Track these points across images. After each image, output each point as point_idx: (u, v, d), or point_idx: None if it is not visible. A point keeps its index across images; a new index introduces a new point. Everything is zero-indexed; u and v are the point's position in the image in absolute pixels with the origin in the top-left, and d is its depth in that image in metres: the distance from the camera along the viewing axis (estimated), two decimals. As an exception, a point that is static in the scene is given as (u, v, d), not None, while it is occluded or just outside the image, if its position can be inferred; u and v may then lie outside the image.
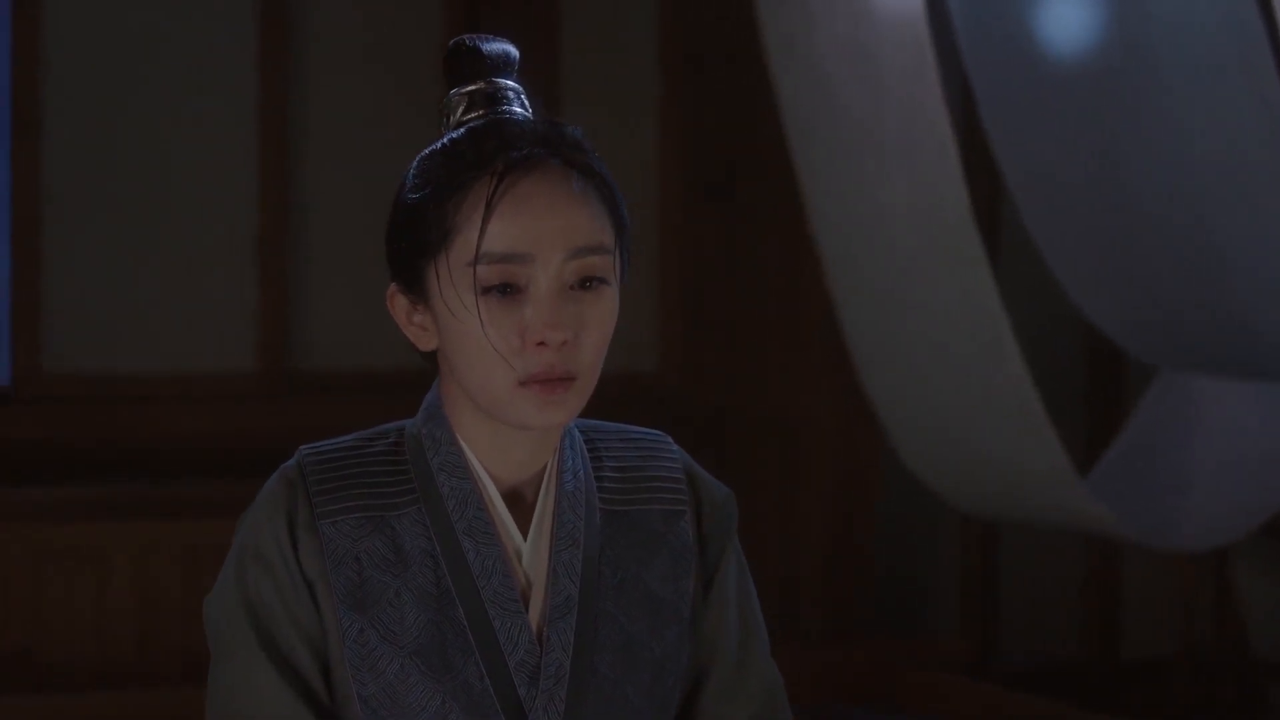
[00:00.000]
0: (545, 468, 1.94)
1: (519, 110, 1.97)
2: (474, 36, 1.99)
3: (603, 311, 1.88)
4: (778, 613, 5.87)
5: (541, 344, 1.83)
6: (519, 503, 1.93)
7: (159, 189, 5.50)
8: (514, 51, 2.00)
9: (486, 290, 1.84)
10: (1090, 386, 6.05)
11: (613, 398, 5.93)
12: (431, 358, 1.97)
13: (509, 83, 1.98)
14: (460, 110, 1.96)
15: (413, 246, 1.90)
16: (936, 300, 4.41)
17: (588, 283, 1.86)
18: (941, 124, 4.15)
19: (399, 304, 1.93)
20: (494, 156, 1.87)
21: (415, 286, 1.91)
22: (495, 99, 1.97)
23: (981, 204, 5.51)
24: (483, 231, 1.84)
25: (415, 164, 1.94)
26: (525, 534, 1.92)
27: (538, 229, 1.85)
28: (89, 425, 5.35)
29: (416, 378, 1.92)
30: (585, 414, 1.99)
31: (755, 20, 4.73)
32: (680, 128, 5.96)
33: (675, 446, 2.04)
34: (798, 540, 5.84)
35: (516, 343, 1.84)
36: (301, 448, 1.94)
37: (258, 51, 5.57)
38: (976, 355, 4.37)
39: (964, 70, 4.35)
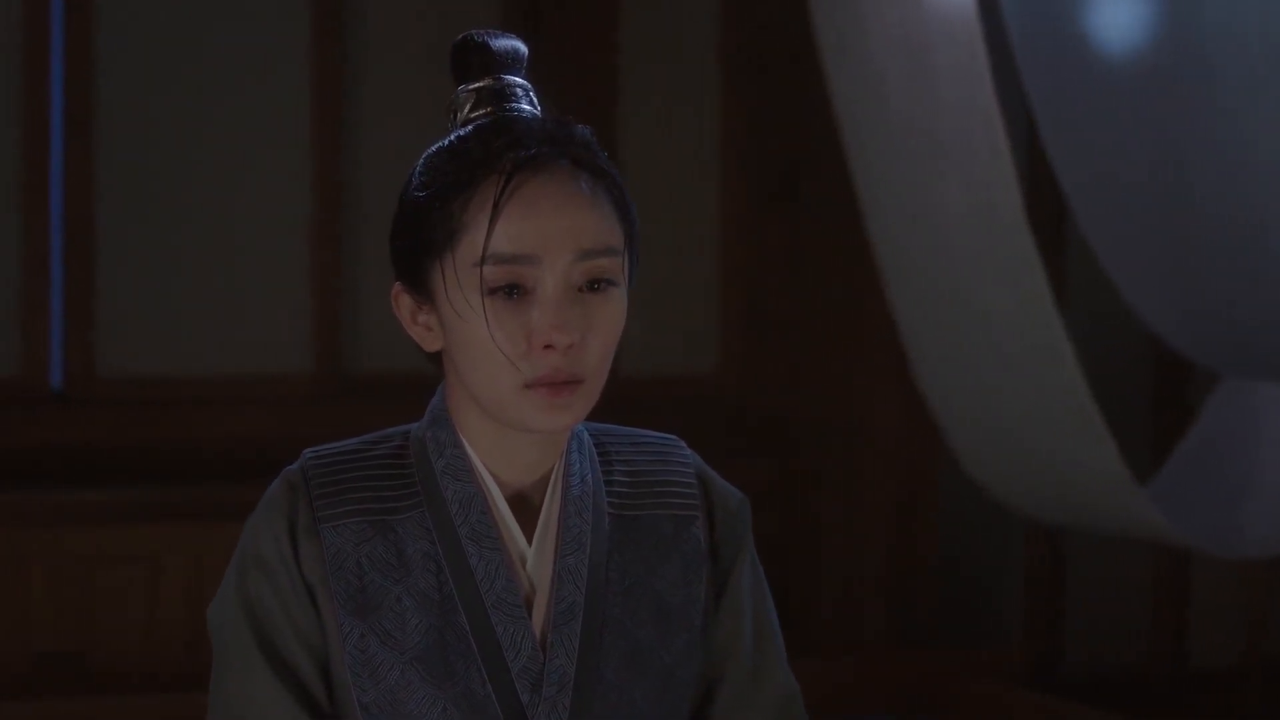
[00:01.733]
0: (551, 471, 1.91)
1: (527, 108, 1.94)
2: (482, 32, 1.97)
3: (611, 314, 1.85)
4: (837, 620, 5.82)
5: (548, 346, 1.81)
6: (525, 507, 1.91)
7: (212, 190, 5.50)
8: (523, 48, 1.97)
9: (493, 291, 1.82)
10: (1157, 393, 5.98)
11: (672, 400, 5.99)
12: (437, 360, 1.94)
13: (517, 79, 1.95)
14: (468, 107, 1.94)
15: (418, 245, 1.87)
16: (991, 303, 4.37)
17: (596, 285, 1.84)
18: (995, 125, 4.10)
19: (404, 304, 1.91)
20: (502, 155, 1.84)
21: (420, 286, 1.89)
22: (503, 95, 1.94)
23: (1048, 206, 5.46)
24: (490, 232, 1.82)
25: (421, 161, 1.92)
26: (530, 539, 1.89)
27: (545, 230, 1.82)
28: (141, 427, 5.35)
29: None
30: (628, 415, 1.97)
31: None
32: (742, 129, 5.93)
33: (688, 451, 2.01)
34: (858, 546, 5.80)
35: (523, 345, 1.82)
36: (305, 451, 1.92)
37: (311, 51, 5.57)
38: (1032, 359, 4.33)
39: (1017, 70, 4.30)
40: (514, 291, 1.82)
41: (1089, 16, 4.34)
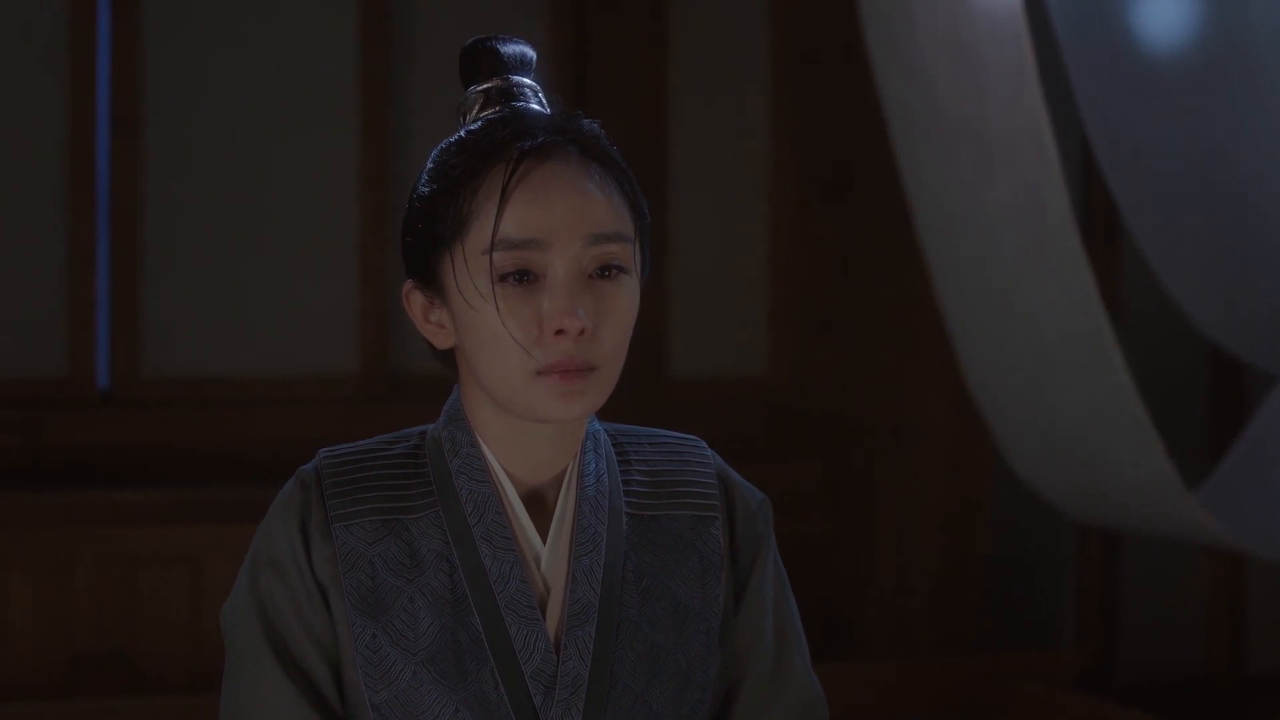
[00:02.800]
0: (566, 470, 1.90)
1: (536, 107, 1.94)
2: (491, 37, 1.97)
3: (623, 301, 1.85)
4: (887, 621, 5.79)
5: (560, 332, 1.80)
6: (540, 506, 1.90)
7: (258, 190, 5.50)
8: (531, 53, 1.97)
9: (503, 278, 1.82)
10: (1214, 396, 5.92)
11: (722, 400, 5.96)
12: (449, 360, 1.94)
13: (526, 80, 1.95)
14: (476, 108, 1.95)
15: (428, 239, 1.88)
16: (1039, 303, 4.33)
17: (607, 271, 1.84)
18: (1042, 123, 4.07)
19: (415, 301, 1.92)
20: (509, 144, 1.85)
21: (432, 281, 1.89)
22: (511, 95, 1.94)
23: (1104, 208, 5.42)
24: (499, 217, 1.81)
25: (430, 158, 1.92)
26: (545, 537, 1.89)
27: (555, 215, 1.82)
28: (187, 428, 5.35)
29: None
30: (678, 416, 1.95)
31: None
32: (793, 126, 5.90)
33: (709, 451, 2.00)
34: (908, 547, 5.77)
35: (534, 331, 1.81)
36: (320, 450, 1.92)
37: (359, 50, 5.56)
38: (1079, 359, 4.30)
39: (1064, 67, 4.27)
40: (524, 278, 1.82)
41: (1135, 13, 4.30)
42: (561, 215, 1.81)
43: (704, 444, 2.01)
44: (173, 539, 4.97)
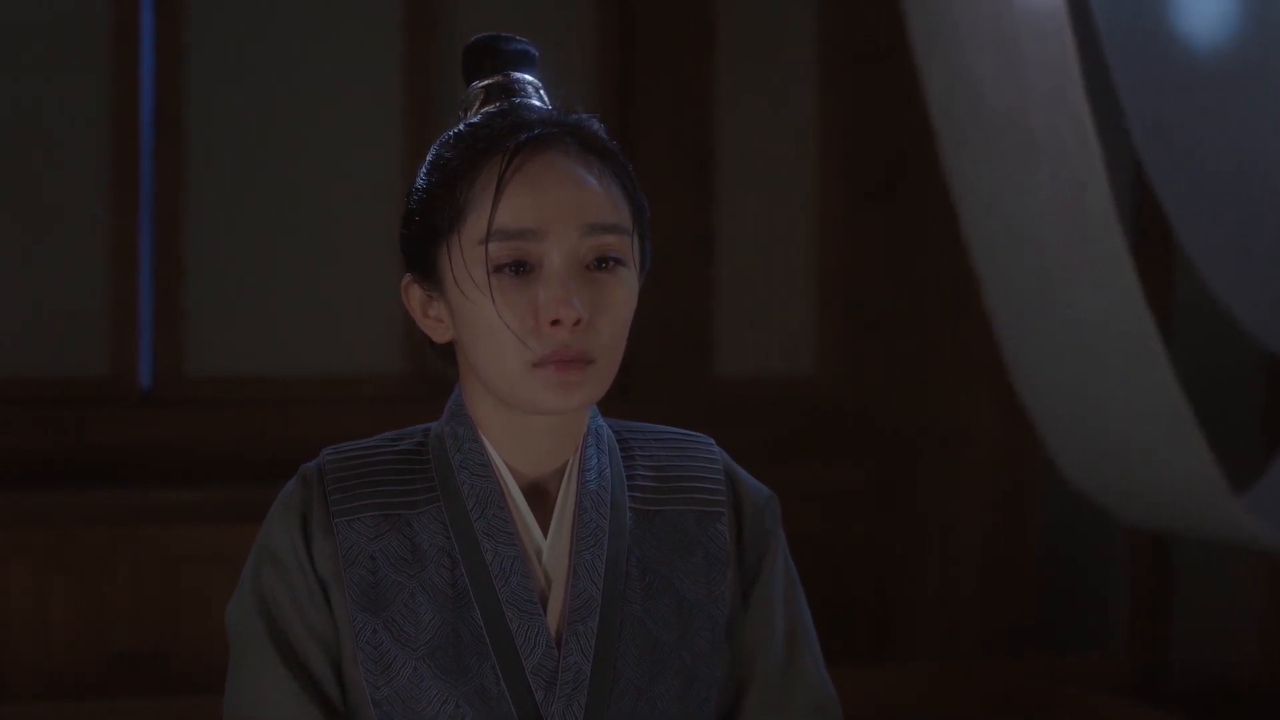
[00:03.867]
0: (568, 464, 1.89)
1: (537, 103, 1.94)
2: (493, 35, 1.97)
3: (620, 293, 1.83)
4: (935, 623, 5.77)
5: (556, 323, 1.79)
6: (541, 499, 1.89)
7: (301, 189, 5.50)
8: (533, 50, 1.97)
9: (499, 268, 1.81)
10: (1269, 401, 5.86)
11: (768, 401, 5.93)
12: (448, 357, 1.94)
13: (528, 77, 1.96)
14: (478, 104, 1.94)
15: (425, 232, 1.87)
16: (1083, 301, 4.31)
17: (604, 263, 1.83)
18: (1084, 119, 4.05)
19: (414, 295, 1.93)
20: (507, 136, 1.84)
21: (429, 274, 1.88)
22: (512, 91, 1.94)
23: (1156, 209, 5.37)
24: (494, 207, 1.80)
25: (430, 152, 1.92)
26: (546, 531, 1.88)
27: (551, 205, 1.81)
28: (230, 427, 5.36)
29: None
30: (724, 416, 1.94)
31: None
32: (840, 125, 5.88)
33: (716, 448, 1.98)
34: (956, 549, 5.74)
35: (530, 322, 1.80)
36: (325, 448, 1.93)
37: (404, 50, 5.57)
38: (1124, 359, 4.27)
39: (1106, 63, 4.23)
40: (520, 268, 1.81)
41: (1177, 8, 4.27)
42: (558, 205, 1.80)
43: (712, 441, 1.99)
44: (212, 539, 4.98)
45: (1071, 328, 4.43)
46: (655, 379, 5.66)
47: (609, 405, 1.91)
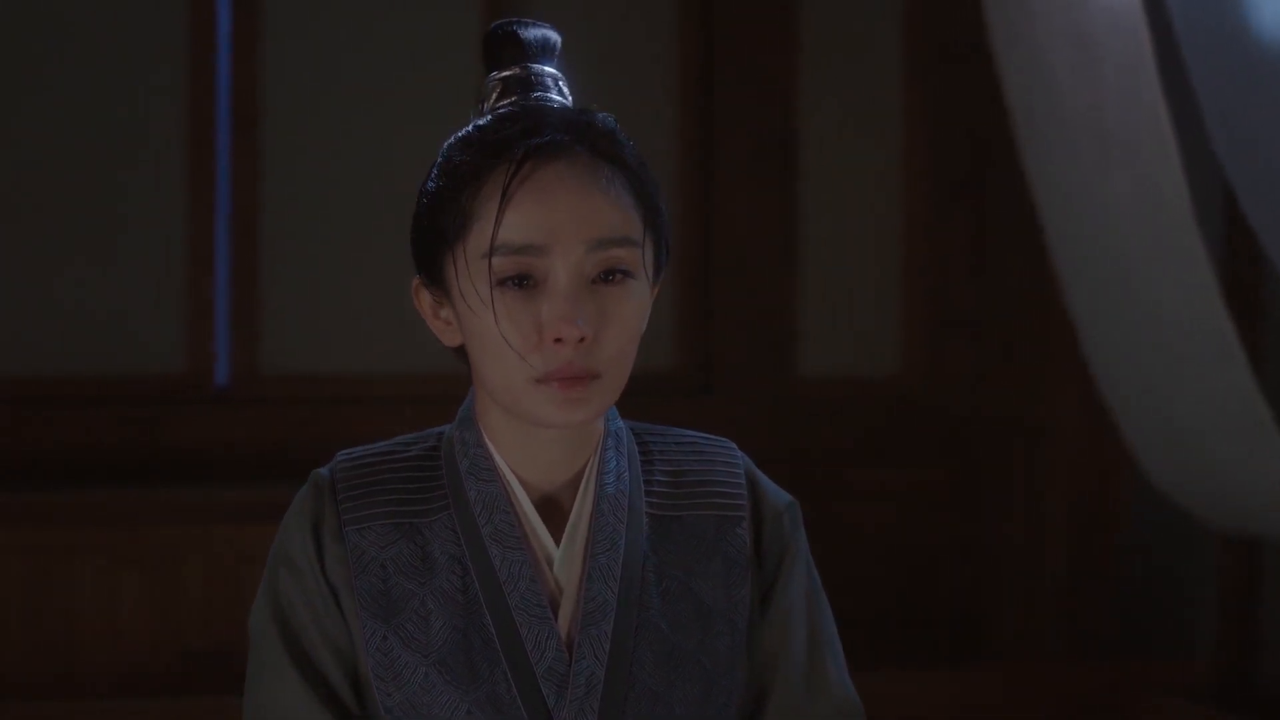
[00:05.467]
0: (583, 471, 1.87)
1: (556, 97, 1.90)
2: (514, 21, 1.93)
3: (627, 307, 1.80)
4: (1016, 626, 5.72)
5: (558, 340, 1.77)
6: (554, 509, 1.87)
7: (378, 187, 5.50)
8: (554, 37, 1.93)
9: (502, 282, 1.78)
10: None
11: (853, 402, 5.87)
12: (463, 358, 1.92)
13: (547, 69, 1.91)
14: (494, 96, 1.91)
15: (433, 237, 1.85)
16: (1161, 300, 4.27)
17: (610, 276, 1.79)
18: (1160, 115, 4.00)
19: (424, 299, 1.92)
20: (514, 143, 1.80)
21: (437, 280, 1.86)
22: (529, 84, 1.90)
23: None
24: (498, 221, 1.78)
25: (441, 152, 1.89)
26: (559, 541, 1.86)
27: (555, 219, 1.77)
28: (305, 426, 5.36)
29: (630, 379, 1.87)
30: (808, 417, 1.91)
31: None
32: (926, 123, 5.82)
33: (739, 452, 1.95)
34: (1040, 551, 5.68)
35: (534, 338, 1.78)
36: (339, 453, 1.91)
37: (478, 50, 5.54)
38: (1202, 358, 4.21)
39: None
40: (524, 282, 1.78)
41: (1254, 5, 4.19)
42: (563, 219, 1.77)
43: (734, 446, 1.96)
44: (286, 538, 4.98)
45: (1150, 325, 4.38)
46: (738, 379, 5.63)
47: (689, 402, 1.88)
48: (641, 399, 5.36)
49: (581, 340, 1.76)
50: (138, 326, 5.36)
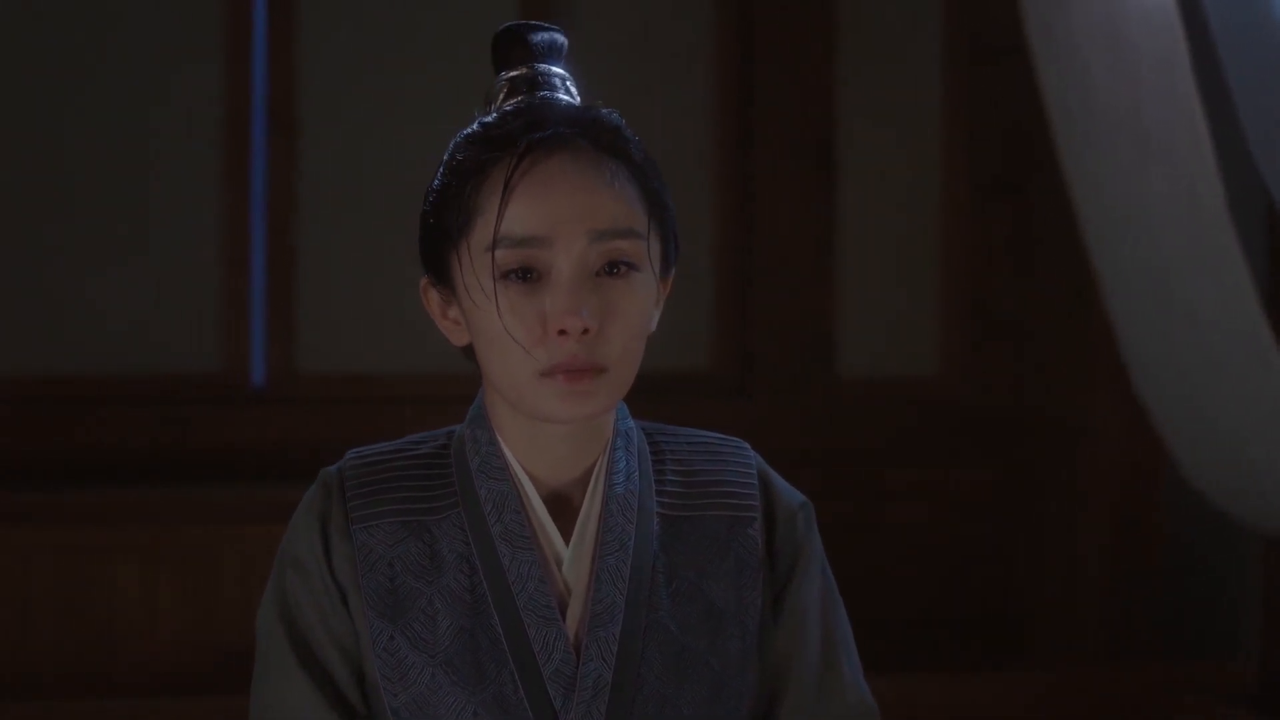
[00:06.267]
0: (592, 469, 1.86)
1: (563, 96, 1.90)
2: (523, 24, 1.95)
3: (632, 300, 1.79)
4: (1058, 627, 5.69)
5: (563, 332, 1.76)
6: (564, 509, 1.86)
7: (414, 186, 5.47)
8: (562, 39, 1.93)
9: (505, 276, 1.78)
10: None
11: (892, 401, 5.85)
12: (472, 358, 1.93)
13: (555, 69, 1.92)
14: (501, 96, 1.93)
15: (438, 234, 1.86)
16: (1197, 301, 4.23)
17: (615, 269, 1.79)
18: (1195, 114, 3.97)
19: (432, 298, 1.92)
20: (517, 137, 1.81)
21: (444, 278, 1.87)
22: (536, 84, 1.91)
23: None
24: (500, 214, 1.78)
25: (448, 149, 1.89)
26: (569, 539, 1.85)
27: (557, 211, 1.77)
28: (342, 425, 5.36)
29: (666, 379, 1.86)
30: (846, 417, 1.90)
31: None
32: (965, 123, 5.81)
33: (752, 453, 1.94)
34: (1081, 551, 5.66)
35: (538, 331, 1.78)
36: (349, 451, 1.92)
37: (518, 53, 5.54)
38: (1239, 359, 4.18)
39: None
40: (527, 275, 1.78)
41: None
42: (566, 211, 1.77)
43: (747, 446, 1.95)
44: (321, 537, 4.98)
45: (1187, 326, 4.35)
46: (776, 380, 5.62)
47: (727, 403, 1.88)
48: (679, 400, 5.40)
49: (585, 332, 1.76)
50: (174, 327, 5.37)
